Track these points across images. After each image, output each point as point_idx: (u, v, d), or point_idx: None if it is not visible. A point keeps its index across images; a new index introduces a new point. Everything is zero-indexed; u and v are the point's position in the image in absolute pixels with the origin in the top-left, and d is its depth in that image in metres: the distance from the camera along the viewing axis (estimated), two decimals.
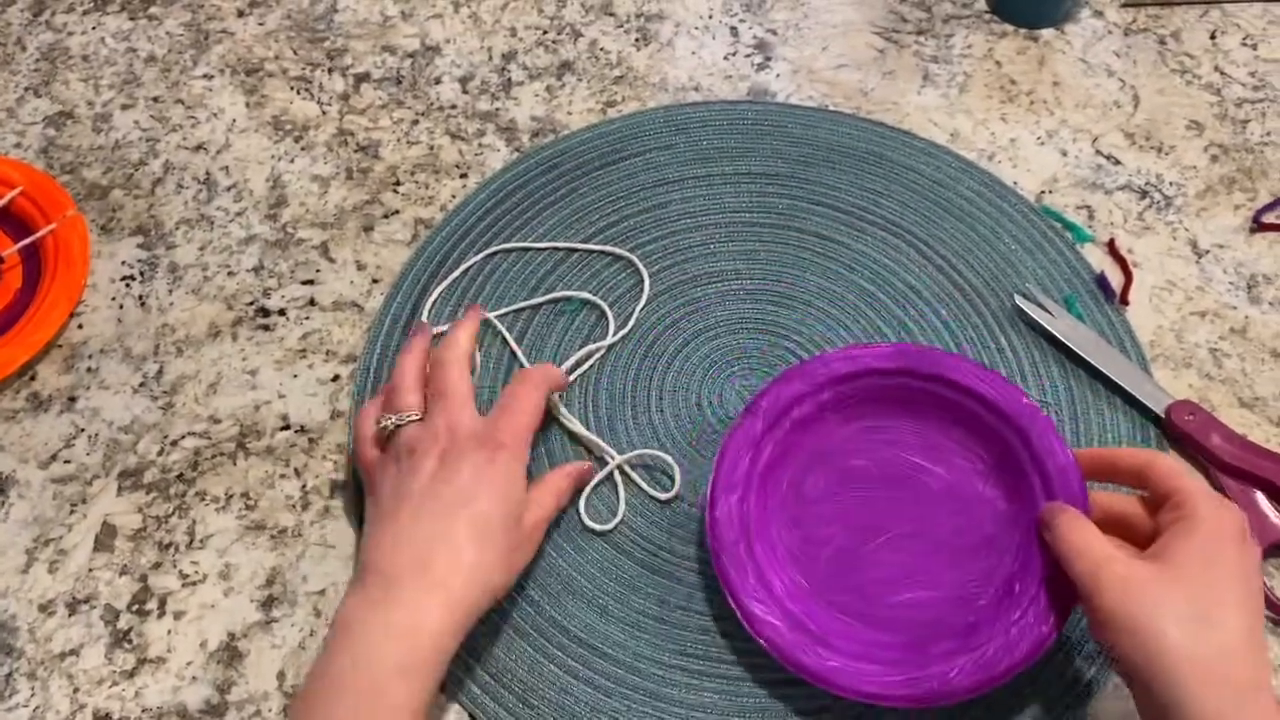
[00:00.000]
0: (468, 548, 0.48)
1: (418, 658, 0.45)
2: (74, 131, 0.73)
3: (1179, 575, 0.45)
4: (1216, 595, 0.44)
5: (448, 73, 0.76)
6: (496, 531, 0.49)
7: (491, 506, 0.49)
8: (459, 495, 0.49)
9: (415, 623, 0.46)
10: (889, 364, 0.56)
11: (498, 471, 0.50)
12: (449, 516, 0.48)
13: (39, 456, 0.60)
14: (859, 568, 0.54)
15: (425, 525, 0.48)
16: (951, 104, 0.74)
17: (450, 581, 0.47)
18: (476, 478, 0.49)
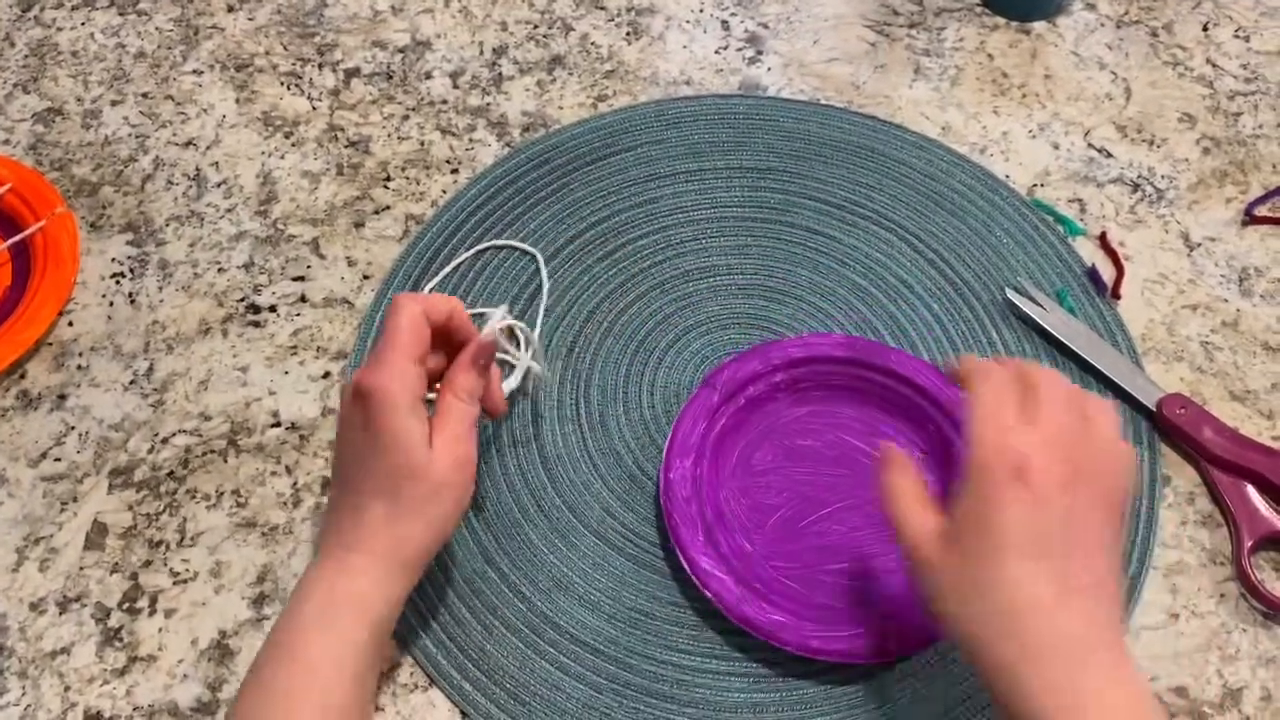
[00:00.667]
0: (375, 502, 0.47)
1: (333, 612, 0.46)
2: (63, 128, 0.73)
3: (955, 535, 0.43)
4: (987, 553, 0.42)
5: (438, 68, 0.75)
6: (397, 475, 0.47)
7: (381, 461, 0.47)
8: (352, 454, 0.49)
9: (332, 580, 0.47)
10: (840, 353, 0.60)
11: (370, 422, 0.47)
12: (359, 469, 0.48)
13: (29, 455, 0.60)
14: (802, 537, 0.57)
15: (337, 491, 0.50)
16: (943, 97, 0.74)
17: (364, 540, 0.47)
18: (356, 435, 0.48)
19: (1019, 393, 0.45)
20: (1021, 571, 0.41)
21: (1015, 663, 0.41)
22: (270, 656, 0.47)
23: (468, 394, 0.50)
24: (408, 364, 0.48)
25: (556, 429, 0.61)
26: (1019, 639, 0.41)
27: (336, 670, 0.46)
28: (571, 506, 0.58)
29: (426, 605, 0.55)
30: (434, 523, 0.48)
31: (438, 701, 0.53)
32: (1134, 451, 0.45)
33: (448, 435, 0.49)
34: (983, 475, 0.43)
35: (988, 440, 0.43)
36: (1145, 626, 0.55)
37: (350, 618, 0.47)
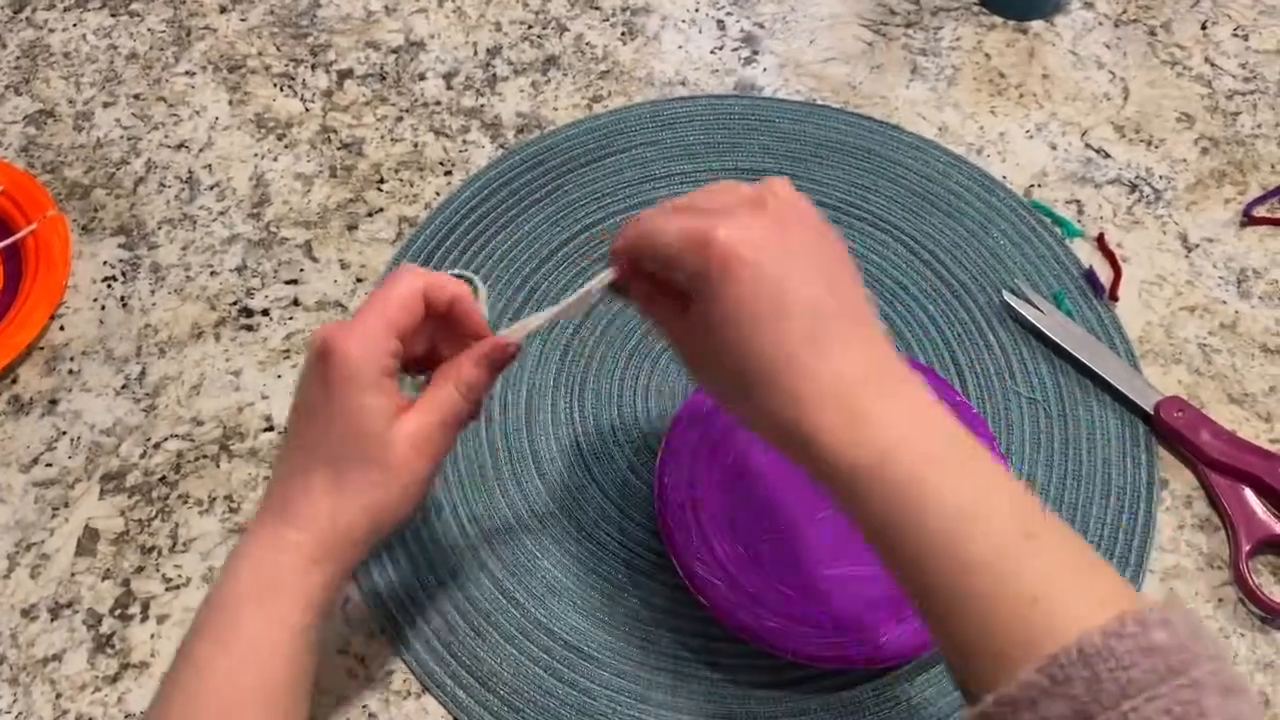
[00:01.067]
0: (316, 474, 0.43)
1: (271, 592, 0.43)
2: (55, 130, 0.72)
3: (705, 343, 0.42)
4: (728, 343, 0.40)
5: (432, 68, 0.75)
6: (344, 456, 0.43)
7: (332, 429, 0.43)
8: (310, 416, 0.44)
9: (268, 556, 0.44)
10: None
11: (328, 390, 0.43)
12: (298, 447, 0.44)
13: (20, 460, 0.60)
14: (796, 542, 0.56)
15: (285, 451, 0.45)
16: (940, 97, 0.73)
17: (303, 515, 0.43)
18: (313, 395, 0.44)
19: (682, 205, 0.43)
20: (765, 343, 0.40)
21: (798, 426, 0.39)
22: (204, 635, 0.43)
23: (467, 387, 0.45)
24: (383, 333, 0.43)
25: (550, 433, 0.60)
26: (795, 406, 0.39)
27: (274, 653, 0.43)
28: (565, 512, 0.58)
29: (419, 611, 0.55)
30: (373, 510, 0.44)
31: (431, 708, 0.53)
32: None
33: (424, 421, 0.44)
34: (694, 276, 0.41)
35: (678, 241, 0.41)
36: None
37: (288, 599, 0.43)
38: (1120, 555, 0.56)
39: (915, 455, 0.38)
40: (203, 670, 0.43)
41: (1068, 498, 0.58)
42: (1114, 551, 0.56)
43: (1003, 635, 0.36)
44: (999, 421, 0.60)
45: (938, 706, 0.53)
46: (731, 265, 0.39)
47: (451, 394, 0.45)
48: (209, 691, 0.42)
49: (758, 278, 0.39)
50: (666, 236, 0.41)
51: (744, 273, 0.39)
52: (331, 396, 0.43)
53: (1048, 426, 0.60)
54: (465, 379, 0.45)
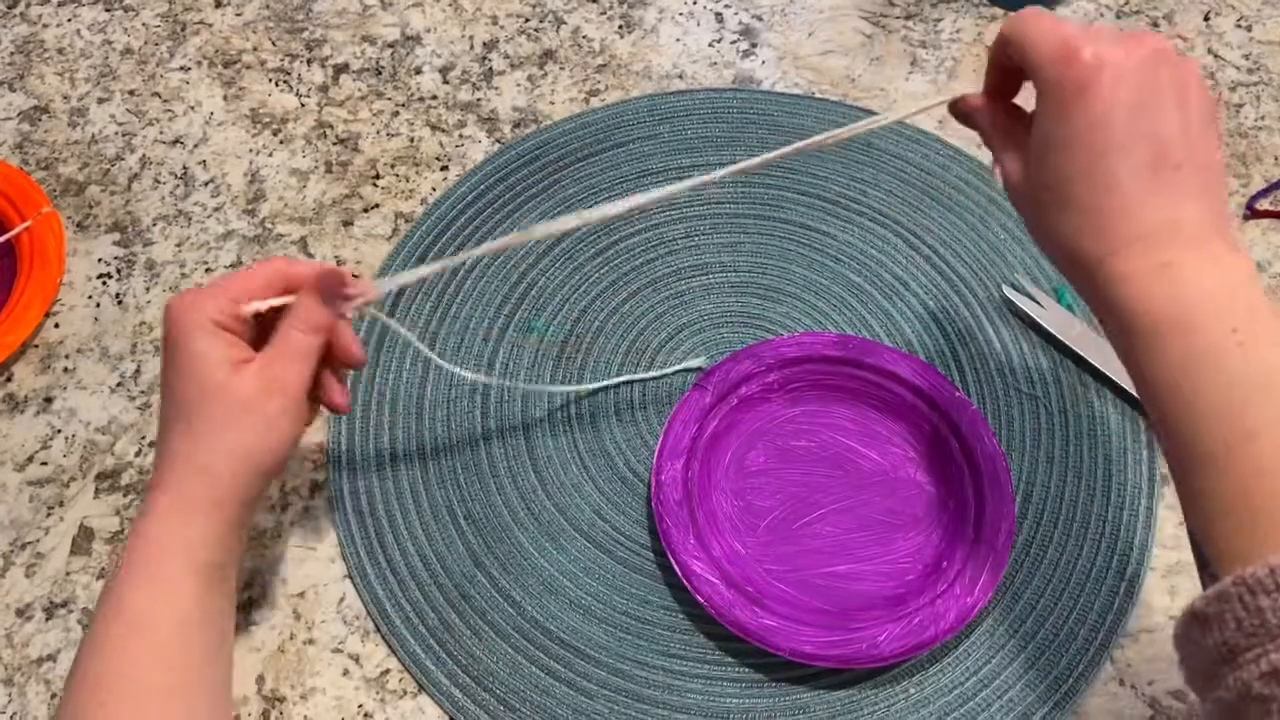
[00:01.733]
0: (170, 435, 0.45)
1: (154, 561, 0.44)
2: (49, 126, 0.72)
3: (1034, 166, 0.41)
4: (1062, 166, 0.40)
5: (428, 63, 0.75)
6: (192, 407, 0.44)
7: (176, 385, 0.45)
8: (162, 384, 0.46)
9: (148, 526, 0.44)
10: (834, 352, 0.59)
11: (168, 347, 0.45)
12: (161, 419, 0.46)
13: (15, 458, 0.59)
14: (794, 539, 0.56)
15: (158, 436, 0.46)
16: (940, 90, 0.73)
17: (165, 476, 0.45)
18: (163, 364, 0.46)
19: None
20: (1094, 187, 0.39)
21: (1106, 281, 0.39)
22: (101, 612, 0.44)
23: (303, 321, 0.46)
24: (223, 295, 0.45)
25: (547, 430, 0.60)
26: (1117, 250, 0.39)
27: (166, 622, 0.43)
28: (562, 509, 0.57)
29: (415, 610, 0.55)
30: (237, 452, 0.44)
31: (426, 708, 0.53)
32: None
33: (267, 356, 0.46)
34: (1051, 87, 0.40)
35: (1048, 47, 0.40)
36: (1144, 629, 0.54)
37: (171, 565, 0.44)
38: (1121, 552, 0.56)
39: (1217, 318, 0.37)
40: (100, 649, 0.43)
41: (1068, 494, 0.58)
42: (1115, 548, 0.56)
43: (1266, 513, 0.35)
44: (999, 417, 0.60)
45: (935, 706, 0.52)
46: (1090, 86, 0.39)
47: (290, 331, 0.46)
48: (109, 671, 0.43)
49: (1112, 104, 0.39)
50: (1042, 37, 0.41)
51: (1099, 95, 0.39)
52: (173, 355, 0.45)
53: (1048, 422, 0.60)
54: (300, 314, 0.46)
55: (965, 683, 0.53)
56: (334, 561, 0.56)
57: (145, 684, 0.43)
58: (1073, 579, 0.55)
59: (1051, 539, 0.57)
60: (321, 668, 0.53)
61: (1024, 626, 0.54)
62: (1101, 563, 0.56)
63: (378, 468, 0.59)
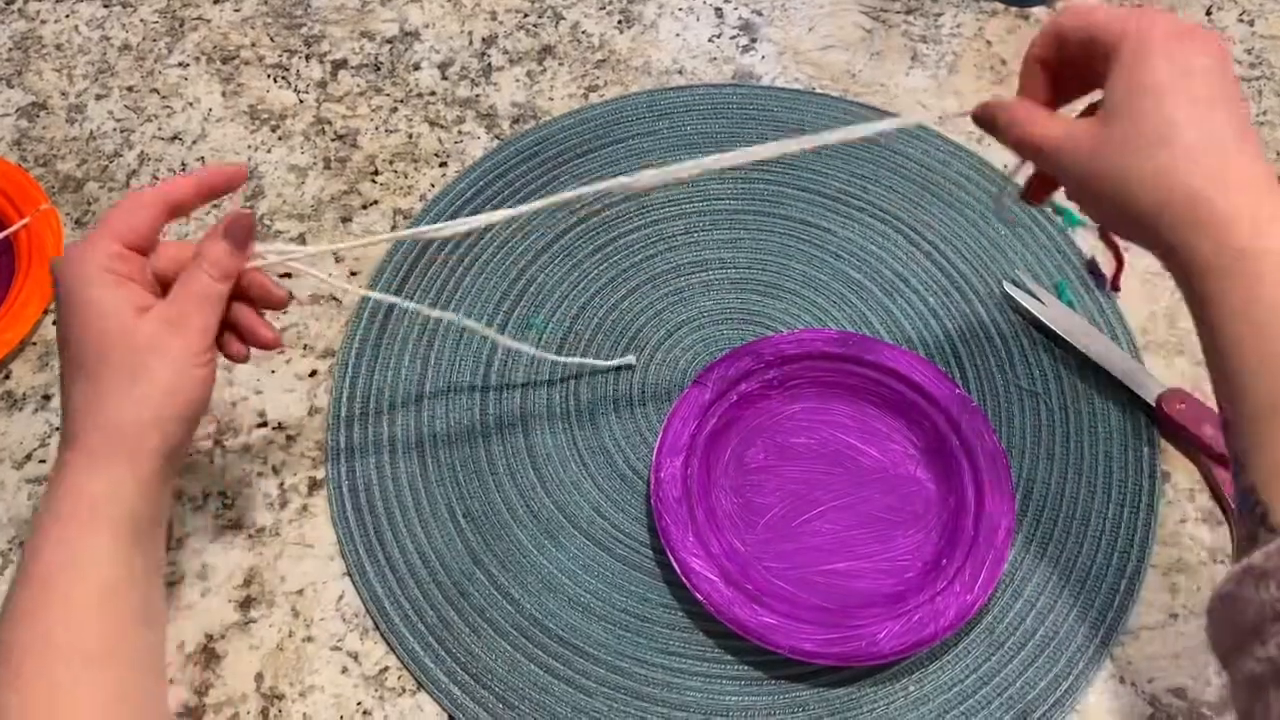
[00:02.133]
0: (72, 390, 0.44)
1: (64, 519, 0.43)
2: (47, 123, 0.72)
3: (1117, 114, 0.42)
4: (1157, 113, 0.41)
5: (427, 58, 0.74)
6: (92, 356, 0.43)
7: (73, 335, 0.44)
8: (60, 354, 0.45)
9: (57, 483, 0.43)
10: (834, 349, 0.59)
11: (61, 301, 0.44)
12: (62, 378, 0.45)
13: (14, 456, 0.59)
14: (794, 537, 0.56)
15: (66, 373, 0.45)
16: (940, 85, 0.73)
17: (72, 431, 0.44)
18: (59, 320, 0.45)
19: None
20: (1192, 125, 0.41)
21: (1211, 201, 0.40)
22: (16, 578, 0.43)
23: (210, 263, 0.46)
24: (110, 238, 0.45)
25: (545, 427, 0.60)
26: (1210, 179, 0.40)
27: (80, 584, 0.42)
28: (561, 506, 0.57)
29: (413, 607, 0.55)
30: (145, 398, 0.43)
31: (425, 706, 0.53)
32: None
33: (171, 300, 0.45)
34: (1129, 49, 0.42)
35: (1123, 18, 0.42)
36: (1144, 626, 0.54)
37: (83, 524, 0.42)
38: (1121, 549, 0.56)
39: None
40: (12, 616, 0.42)
41: (1068, 491, 0.57)
42: (1115, 545, 0.56)
43: None
44: (999, 414, 0.60)
45: (934, 703, 0.52)
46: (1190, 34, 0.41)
47: (196, 272, 0.45)
48: (19, 641, 0.41)
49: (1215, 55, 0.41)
50: (1109, 10, 0.43)
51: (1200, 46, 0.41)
52: (68, 308, 0.44)
53: (1049, 419, 0.60)
54: (208, 256, 0.46)
55: (965, 680, 0.53)
56: (332, 559, 0.56)
57: (59, 651, 0.41)
58: (1073, 576, 0.55)
59: (1052, 536, 0.56)
60: (320, 665, 0.53)
61: (1024, 624, 0.54)
62: (1102, 560, 0.56)
63: (376, 465, 0.59)
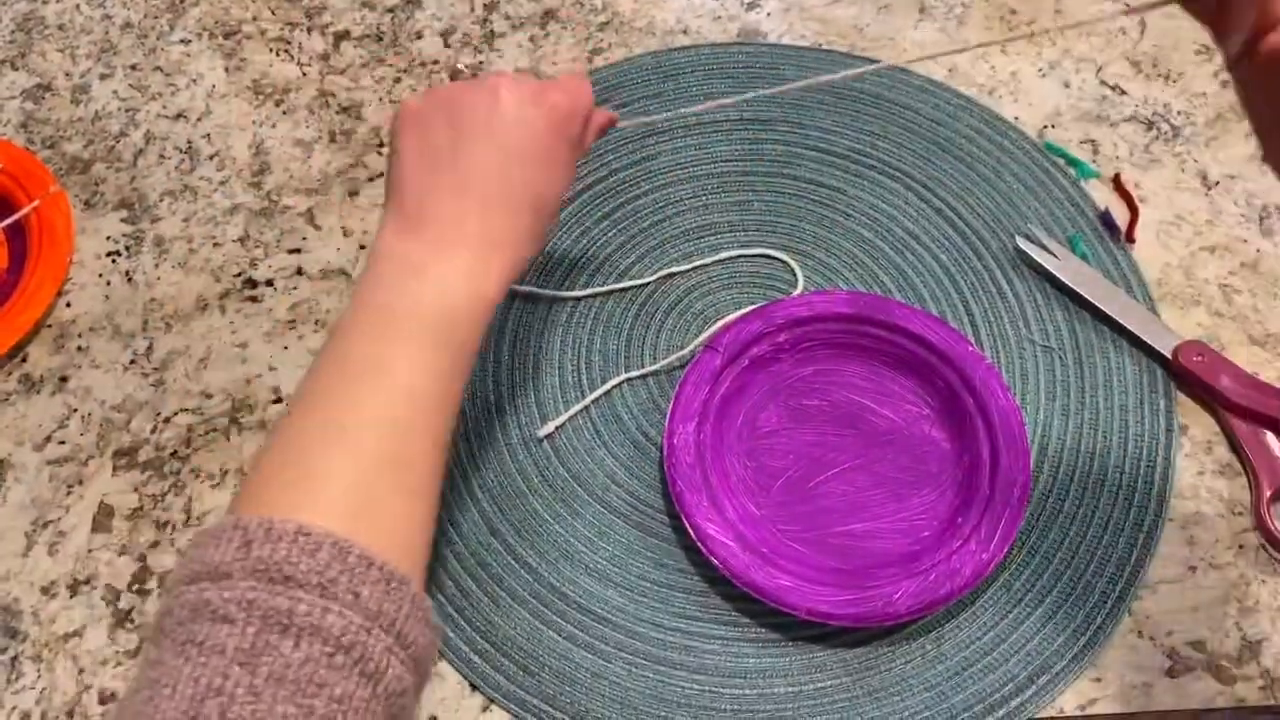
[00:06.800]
0: (525, 213, 0.46)
1: (480, 310, 0.44)
2: (53, 104, 0.72)
3: None
4: None
5: (429, 26, 0.74)
6: (547, 197, 0.47)
7: (548, 171, 0.47)
8: (515, 149, 0.46)
9: (485, 270, 0.44)
10: (845, 310, 0.58)
11: (557, 137, 0.47)
12: (505, 173, 0.45)
13: (34, 439, 0.60)
14: (808, 498, 0.56)
15: (480, 177, 0.45)
16: (950, 38, 0.71)
17: (503, 246, 0.45)
18: (535, 139, 0.46)
19: None
20: None
21: None
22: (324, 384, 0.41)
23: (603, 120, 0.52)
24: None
25: (559, 396, 0.60)
26: None
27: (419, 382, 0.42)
28: (575, 475, 0.58)
29: (431, 578, 0.55)
30: (542, 236, 0.48)
31: (446, 674, 0.53)
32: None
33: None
34: None
35: None
36: (1162, 580, 0.54)
37: (481, 333, 0.44)
38: (1139, 503, 0.56)
39: None
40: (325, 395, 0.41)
41: (1084, 446, 0.57)
42: (1132, 499, 0.56)
43: None
44: (1014, 370, 0.59)
45: (952, 661, 0.52)
46: None
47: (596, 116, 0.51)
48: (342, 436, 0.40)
49: None
50: None
51: None
52: (556, 146, 0.47)
53: (1064, 374, 0.59)
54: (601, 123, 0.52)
55: (983, 637, 0.53)
56: None
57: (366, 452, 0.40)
58: (1090, 531, 0.55)
59: (1068, 492, 0.56)
60: None
61: (1041, 580, 0.54)
62: (1119, 514, 0.55)
63: None
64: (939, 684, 0.52)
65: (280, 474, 0.39)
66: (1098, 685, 0.52)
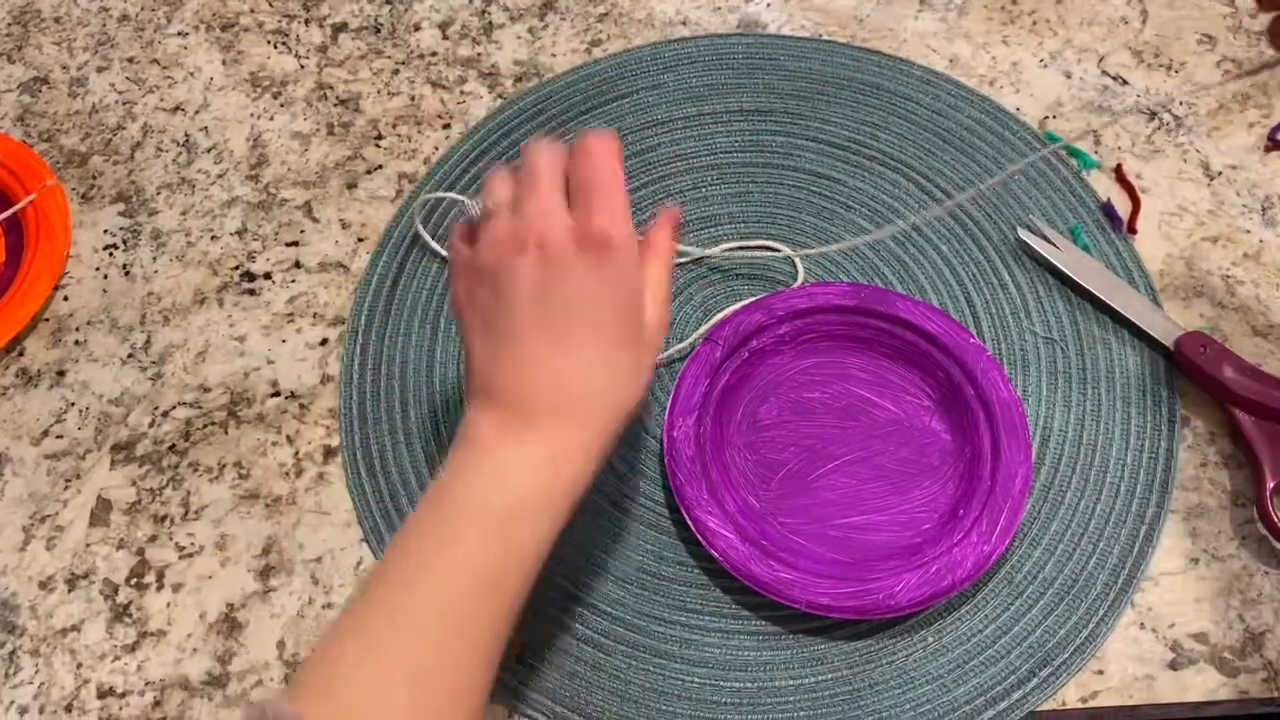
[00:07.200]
0: (599, 360, 0.43)
1: (555, 493, 0.42)
2: (50, 97, 0.71)
3: None
4: None
5: (427, 18, 0.73)
6: (625, 335, 0.44)
7: (614, 306, 0.43)
8: (577, 309, 0.43)
9: (555, 454, 0.42)
10: (845, 301, 0.58)
11: (610, 275, 0.43)
12: (569, 324, 0.43)
13: (31, 433, 0.60)
14: (809, 491, 0.56)
15: (544, 335, 0.43)
16: (950, 28, 0.71)
17: (587, 405, 0.43)
18: (591, 287, 0.43)
19: None
20: None
21: None
22: (472, 535, 0.41)
23: (670, 253, 0.47)
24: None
25: None
26: None
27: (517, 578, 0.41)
28: None
29: None
30: (644, 380, 0.45)
31: None
32: None
33: (660, 298, 0.46)
34: None
35: None
36: (1164, 572, 0.54)
37: (564, 507, 0.42)
38: (1141, 496, 0.55)
39: None
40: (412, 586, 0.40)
41: (1086, 438, 0.57)
42: (1134, 491, 0.55)
43: None
44: (1015, 362, 0.59)
45: (954, 654, 0.52)
46: None
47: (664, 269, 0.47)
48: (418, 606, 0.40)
49: None
50: None
51: None
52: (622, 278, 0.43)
53: (1065, 366, 0.59)
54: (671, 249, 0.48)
55: (984, 630, 0.52)
56: (349, 526, 0.56)
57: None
58: (1092, 523, 0.55)
59: (1070, 483, 0.56)
60: None
61: (1043, 572, 0.54)
62: (1121, 506, 0.55)
63: (390, 431, 0.59)
64: (940, 676, 0.52)
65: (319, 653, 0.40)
66: (1100, 678, 0.52)
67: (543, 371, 0.43)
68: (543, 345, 0.43)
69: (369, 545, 0.56)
